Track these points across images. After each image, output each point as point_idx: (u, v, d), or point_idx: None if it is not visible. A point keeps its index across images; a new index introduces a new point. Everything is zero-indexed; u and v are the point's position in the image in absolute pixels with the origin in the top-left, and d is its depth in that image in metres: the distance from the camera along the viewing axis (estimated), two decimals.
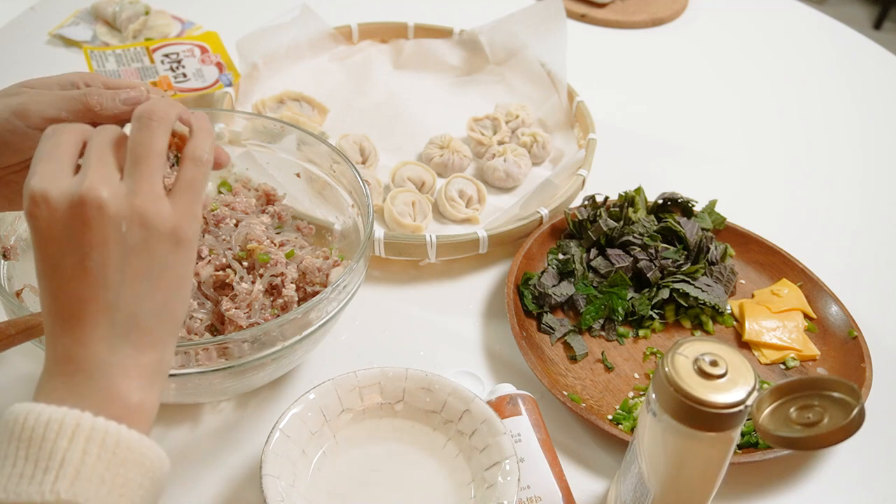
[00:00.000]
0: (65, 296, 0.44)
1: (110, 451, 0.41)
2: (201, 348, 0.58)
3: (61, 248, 0.44)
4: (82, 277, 0.44)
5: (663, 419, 0.53)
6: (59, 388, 0.43)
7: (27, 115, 0.52)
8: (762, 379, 0.76)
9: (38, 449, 0.40)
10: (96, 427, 0.41)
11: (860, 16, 3.21)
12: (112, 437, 0.41)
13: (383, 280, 0.84)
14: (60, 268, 0.44)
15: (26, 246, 0.69)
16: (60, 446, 0.40)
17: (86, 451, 0.40)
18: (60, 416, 0.41)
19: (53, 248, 0.44)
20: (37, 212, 0.44)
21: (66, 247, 0.44)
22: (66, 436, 0.40)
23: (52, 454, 0.40)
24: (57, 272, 0.44)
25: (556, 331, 0.78)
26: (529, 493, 0.61)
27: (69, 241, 0.44)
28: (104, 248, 0.44)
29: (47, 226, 0.44)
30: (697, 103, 1.17)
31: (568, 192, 0.90)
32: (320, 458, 0.63)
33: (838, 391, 0.47)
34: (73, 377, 0.43)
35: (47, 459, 0.40)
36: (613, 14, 1.33)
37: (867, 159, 1.09)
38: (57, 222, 0.44)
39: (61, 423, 0.40)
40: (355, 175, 0.73)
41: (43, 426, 0.40)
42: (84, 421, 0.41)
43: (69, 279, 0.44)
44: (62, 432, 0.40)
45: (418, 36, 1.16)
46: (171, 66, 1.05)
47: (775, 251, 0.87)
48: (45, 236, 0.44)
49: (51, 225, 0.44)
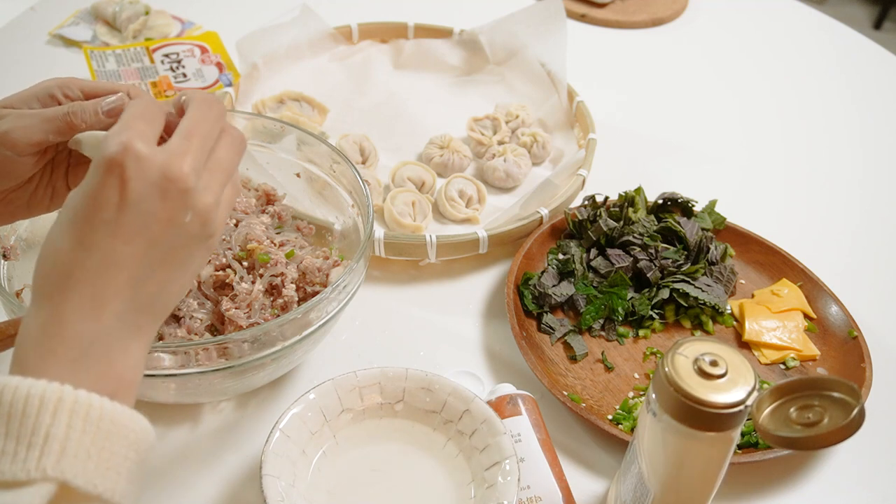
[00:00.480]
0: (102, 258, 0.43)
1: (94, 424, 0.40)
2: (201, 348, 0.58)
3: (127, 206, 0.43)
4: (134, 245, 0.43)
5: (663, 419, 0.53)
6: (51, 357, 0.42)
7: (13, 143, 0.52)
8: (762, 379, 0.76)
9: (20, 425, 0.39)
10: (79, 400, 0.40)
11: (860, 16, 3.21)
12: (96, 411, 0.40)
13: (383, 280, 0.84)
14: (113, 228, 0.43)
15: (26, 246, 0.69)
16: (43, 422, 0.39)
17: (70, 426, 0.39)
18: (41, 391, 0.39)
19: (116, 205, 0.43)
20: (127, 162, 0.42)
21: (133, 208, 0.43)
22: (49, 410, 0.39)
23: (35, 430, 0.39)
24: (108, 231, 0.43)
25: (556, 331, 0.78)
26: (529, 493, 0.61)
27: (141, 202, 0.43)
28: (165, 226, 0.44)
29: (130, 179, 0.43)
30: (697, 103, 1.17)
31: (568, 192, 0.90)
32: (320, 458, 0.63)
33: (838, 391, 0.47)
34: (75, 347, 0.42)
35: (30, 435, 0.39)
36: (613, 14, 1.33)
37: (867, 159, 1.09)
38: (140, 180, 0.43)
39: (42, 398, 0.39)
40: (355, 175, 0.73)
41: (22, 401, 0.39)
42: (66, 394, 0.40)
43: (117, 242, 0.43)
44: (44, 407, 0.39)
45: (418, 36, 1.16)
46: (171, 66, 1.05)
47: (775, 251, 0.87)
48: (116, 190, 0.43)
49: (135, 179, 0.43)
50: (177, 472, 0.65)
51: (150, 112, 0.46)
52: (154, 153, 0.44)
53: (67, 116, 0.52)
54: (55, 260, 0.43)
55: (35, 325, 0.43)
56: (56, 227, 0.44)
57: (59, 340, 0.42)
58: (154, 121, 0.46)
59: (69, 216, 0.44)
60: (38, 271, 0.44)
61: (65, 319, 0.42)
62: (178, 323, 0.65)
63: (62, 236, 0.44)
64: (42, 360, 0.42)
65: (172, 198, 0.44)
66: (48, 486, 0.38)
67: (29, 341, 0.43)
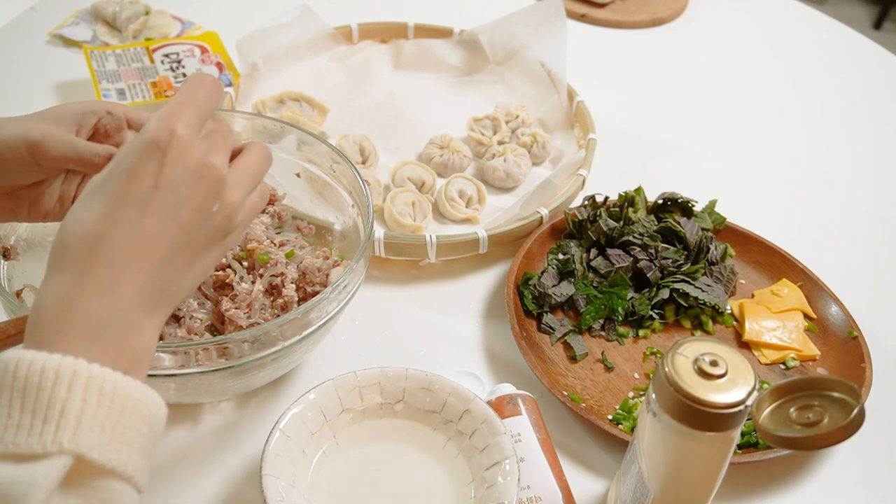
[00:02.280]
0: (131, 232, 0.43)
1: (108, 398, 0.40)
2: (201, 348, 0.58)
3: (163, 186, 0.44)
4: (163, 225, 0.44)
5: (663, 419, 0.53)
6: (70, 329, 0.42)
7: (38, 153, 0.54)
8: (762, 379, 0.76)
9: (35, 398, 0.39)
10: (93, 375, 0.40)
11: (860, 16, 3.21)
12: (110, 385, 0.41)
13: (383, 280, 0.84)
14: (145, 205, 0.44)
15: (26, 246, 0.69)
16: (59, 395, 0.39)
17: (85, 400, 0.40)
18: (56, 364, 0.39)
19: (152, 183, 0.44)
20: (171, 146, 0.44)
21: (169, 188, 0.44)
22: (64, 384, 0.39)
23: (51, 403, 0.39)
24: (140, 208, 0.44)
25: (556, 331, 0.78)
26: (529, 493, 0.61)
27: (176, 184, 0.44)
28: (194, 212, 0.45)
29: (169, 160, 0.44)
30: (697, 103, 1.17)
31: (568, 192, 0.90)
32: (320, 458, 0.63)
33: (838, 391, 0.47)
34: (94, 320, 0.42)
35: (45, 409, 0.39)
36: (613, 14, 1.33)
37: (867, 159, 1.09)
38: (179, 163, 0.44)
39: (57, 372, 0.39)
40: (355, 175, 0.73)
41: (38, 374, 0.39)
42: (80, 368, 0.40)
43: (147, 219, 0.44)
44: (59, 381, 0.39)
45: (418, 36, 1.16)
46: (171, 66, 1.05)
47: (775, 251, 0.87)
48: (154, 169, 0.44)
49: (174, 161, 0.44)
50: (177, 472, 0.65)
51: (199, 101, 0.47)
52: (196, 141, 0.45)
53: (96, 158, 0.54)
54: (80, 231, 0.44)
55: (53, 295, 0.43)
56: (82, 201, 0.45)
57: (77, 313, 0.42)
58: (201, 111, 0.47)
59: (99, 190, 0.44)
60: (60, 240, 0.44)
61: (85, 292, 0.42)
62: (178, 323, 0.65)
63: (89, 209, 0.44)
64: (59, 333, 0.42)
65: (206, 185, 0.45)
66: (65, 459, 0.38)
67: (46, 312, 0.42)
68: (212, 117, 0.48)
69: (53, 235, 0.71)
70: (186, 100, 0.46)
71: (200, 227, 0.46)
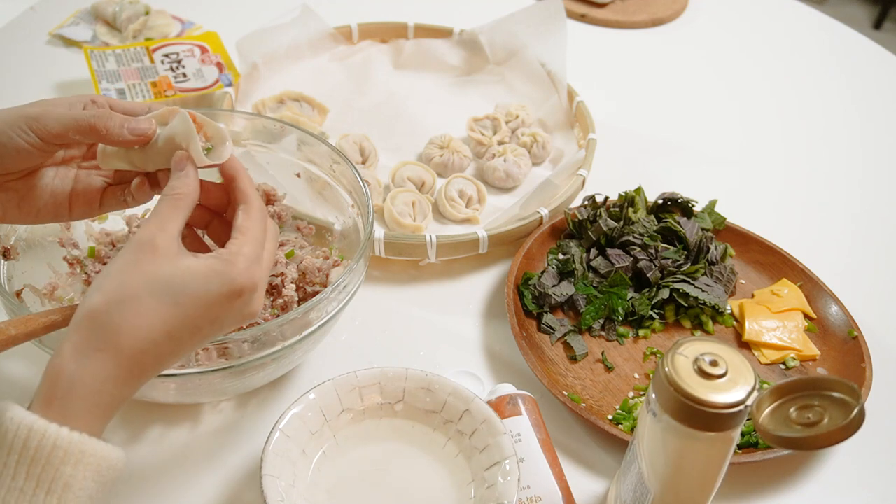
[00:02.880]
0: (175, 352, 0.49)
1: (102, 475, 0.46)
2: (201, 348, 0.58)
3: (220, 319, 0.51)
4: (199, 344, 0.51)
5: (663, 419, 0.53)
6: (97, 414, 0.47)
7: (38, 126, 0.55)
8: (762, 379, 0.76)
9: (42, 470, 0.43)
10: (95, 454, 0.45)
11: (860, 16, 3.21)
12: (105, 462, 0.46)
13: (383, 280, 0.84)
14: (199, 330, 0.50)
15: (26, 246, 0.69)
16: (65, 472, 0.44)
17: (85, 478, 0.45)
18: (66, 444, 0.44)
19: (214, 316, 0.50)
20: (245, 295, 0.51)
21: (224, 322, 0.51)
22: (71, 462, 0.44)
23: (56, 479, 0.44)
24: (194, 331, 0.50)
25: (556, 331, 0.78)
26: (529, 493, 0.61)
27: (230, 320, 0.51)
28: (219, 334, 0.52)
29: (238, 305, 0.51)
30: (697, 103, 1.17)
31: (568, 192, 0.90)
32: (320, 458, 0.63)
33: (838, 391, 0.47)
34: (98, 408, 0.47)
35: (50, 483, 0.43)
36: (613, 14, 1.33)
37: (867, 159, 1.09)
38: (244, 307, 0.52)
39: (67, 451, 0.44)
40: (355, 175, 0.73)
41: (48, 450, 0.43)
42: (87, 447, 0.45)
43: (193, 338, 0.50)
44: (67, 459, 0.44)
45: (418, 36, 1.16)
46: (171, 66, 1.05)
47: (775, 251, 0.87)
48: (226, 307, 0.50)
49: (241, 307, 0.51)
50: (177, 472, 0.65)
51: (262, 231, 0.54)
52: (261, 293, 0.53)
53: (93, 119, 0.55)
54: (140, 330, 0.48)
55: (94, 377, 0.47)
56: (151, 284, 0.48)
57: (108, 400, 0.47)
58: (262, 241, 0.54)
59: (176, 291, 0.49)
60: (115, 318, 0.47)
61: (121, 385, 0.47)
62: None
63: (156, 312, 0.48)
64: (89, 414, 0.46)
65: (245, 322, 0.53)
66: None
67: (82, 388, 0.46)
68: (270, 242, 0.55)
69: (53, 236, 0.71)
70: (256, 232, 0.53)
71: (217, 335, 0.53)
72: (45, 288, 0.69)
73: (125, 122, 0.55)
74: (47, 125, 0.54)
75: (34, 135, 0.54)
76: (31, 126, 0.54)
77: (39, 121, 0.54)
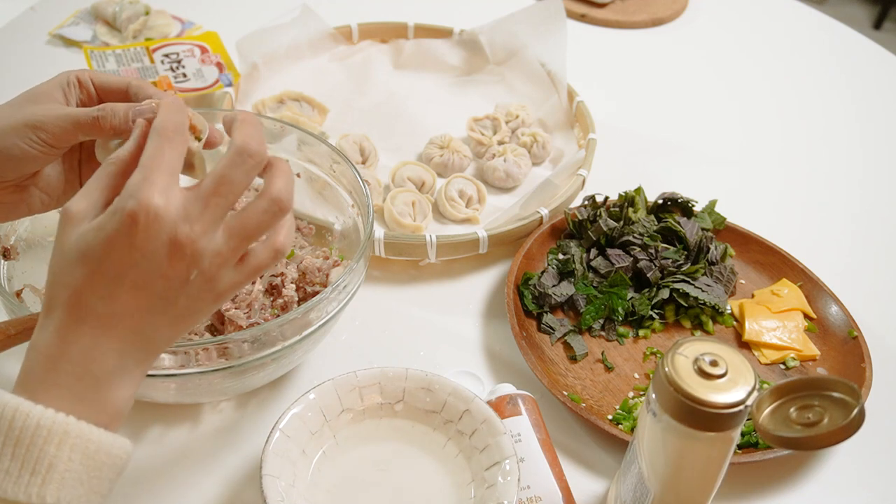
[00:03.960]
0: (109, 305, 0.45)
1: (91, 457, 0.44)
2: (201, 348, 0.58)
3: (136, 261, 0.45)
4: (137, 297, 0.46)
5: (663, 419, 0.53)
6: (58, 387, 0.45)
7: (43, 133, 0.53)
8: (762, 379, 0.76)
9: (26, 451, 0.43)
10: (81, 435, 0.44)
11: (860, 16, 3.21)
12: (94, 444, 0.44)
13: (383, 280, 0.84)
14: (120, 278, 0.45)
15: (26, 246, 0.69)
16: (48, 452, 0.43)
17: (70, 459, 0.43)
18: (49, 423, 0.43)
19: (126, 258, 0.45)
20: (140, 220, 0.44)
21: (141, 263, 0.45)
22: (55, 442, 0.43)
23: (40, 459, 0.43)
24: (116, 281, 0.45)
25: (556, 331, 0.78)
26: (529, 493, 0.61)
27: (148, 259, 0.45)
28: (169, 282, 0.46)
29: (141, 237, 0.44)
30: (697, 103, 1.17)
31: (568, 192, 0.90)
32: (320, 458, 0.63)
33: (838, 391, 0.47)
34: (81, 381, 0.45)
35: (34, 463, 0.43)
36: (613, 14, 1.33)
37: (867, 159, 1.09)
38: (150, 240, 0.45)
39: (50, 430, 0.43)
40: (355, 175, 0.73)
41: (32, 429, 0.43)
42: (71, 428, 0.43)
43: (123, 292, 0.45)
44: (50, 438, 0.43)
45: (418, 36, 1.16)
46: (171, 66, 1.05)
47: (775, 251, 0.87)
48: (128, 243, 0.45)
49: (145, 239, 0.45)
50: (177, 472, 0.65)
51: (170, 156, 0.47)
52: (169, 213, 0.45)
53: (97, 120, 0.53)
54: (65, 293, 0.46)
55: (43, 348, 0.46)
56: (66, 256, 0.46)
57: (62, 373, 0.45)
58: (173, 167, 0.47)
59: (81, 251, 0.45)
60: (50, 288, 0.46)
61: (69, 354, 0.45)
62: None
63: (72, 270, 0.45)
64: (47, 390, 0.45)
65: (179, 258, 0.46)
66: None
67: (36, 363, 0.46)
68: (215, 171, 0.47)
69: (53, 236, 0.71)
70: (156, 156, 0.46)
71: (178, 294, 0.47)
72: (45, 288, 0.69)
73: (127, 111, 0.53)
74: (53, 131, 0.53)
75: (40, 140, 0.54)
76: (37, 133, 0.53)
77: (45, 127, 0.53)
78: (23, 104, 0.55)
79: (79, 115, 0.54)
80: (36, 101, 0.55)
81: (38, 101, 0.55)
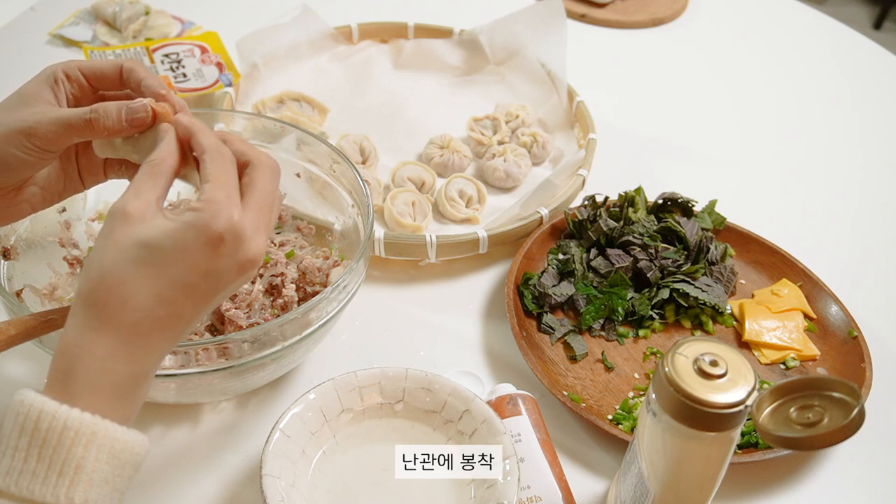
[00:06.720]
0: (165, 307, 0.46)
1: (117, 456, 0.45)
2: (201, 348, 0.58)
3: (208, 272, 0.47)
4: (196, 304, 0.48)
5: (663, 419, 0.53)
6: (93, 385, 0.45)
7: (36, 139, 0.53)
8: (762, 379, 0.76)
9: (53, 451, 0.43)
10: (108, 435, 0.44)
11: (860, 16, 3.21)
12: (119, 444, 0.45)
13: (383, 280, 0.84)
14: (187, 287, 0.47)
15: (26, 246, 0.69)
16: (76, 453, 0.43)
17: (98, 459, 0.44)
18: (77, 424, 0.43)
19: (200, 268, 0.47)
20: (227, 241, 0.47)
21: (212, 275, 0.47)
22: (82, 443, 0.43)
23: (68, 460, 0.43)
24: (179, 287, 0.47)
25: (556, 331, 0.78)
26: (529, 493, 0.61)
27: (221, 271, 0.48)
28: (230, 289, 0.49)
29: (224, 255, 0.47)
30: (697, 103, 1.17)
31: (568, 192, 0.90)
32: (320, 458, 0.63)
33: (838, 391, 0.47)
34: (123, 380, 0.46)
35: (61, 464, 0.43)
36: (613, 14, 1.33)
37: (867, 159, 1.09)
38: (229, 256, 0.47)
39: (78, 431, 0.43)
40: (355, 175, 0.73)
41: (59, 430, 0.43)
42: (98, 428, 0.44)
43: (181, 297, 0.47)
44: (78, 439, 0.43)
45: (418, 36, 1.16)
46: (171, 66, 1.05)
47: (775, 251, 0.87)
48: (206, 258, 0.47)
49: (227, 255, 0.47)
50: (177, 472, 0.65)
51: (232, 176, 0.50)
52: (253, 237, 0.49)
53: (90, 122, 0.53)
54: (128, 299, 0.46)
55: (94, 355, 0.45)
56: (126, 254, 0.46)
57: (111, 378, 0.45)
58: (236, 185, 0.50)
59: (149, 252, 0.46)
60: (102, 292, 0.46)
61: (122, 359, 0.46)
62: None
63: (134, 270, 0.46)
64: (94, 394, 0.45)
65: (249, 270, 0.49)
66: None
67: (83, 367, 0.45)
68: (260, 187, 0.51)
69: (53, 236, 0.71)
70: (224, 175, 0.49)
71: (225, 296, 0.50)
72: (45, 288, 0.69)
73: (120, 111, 0.53)
74: (46, 136, 0.53)
75: (34, 147, 0.53)
76: (30, 139, 0.53)
77: (38, 132, 0.53)
78: (13, 108, 0.54)
79: (71, 118, 0.53)
80: (26, 102, 0.54)
81: (28, 102, 0.54)
